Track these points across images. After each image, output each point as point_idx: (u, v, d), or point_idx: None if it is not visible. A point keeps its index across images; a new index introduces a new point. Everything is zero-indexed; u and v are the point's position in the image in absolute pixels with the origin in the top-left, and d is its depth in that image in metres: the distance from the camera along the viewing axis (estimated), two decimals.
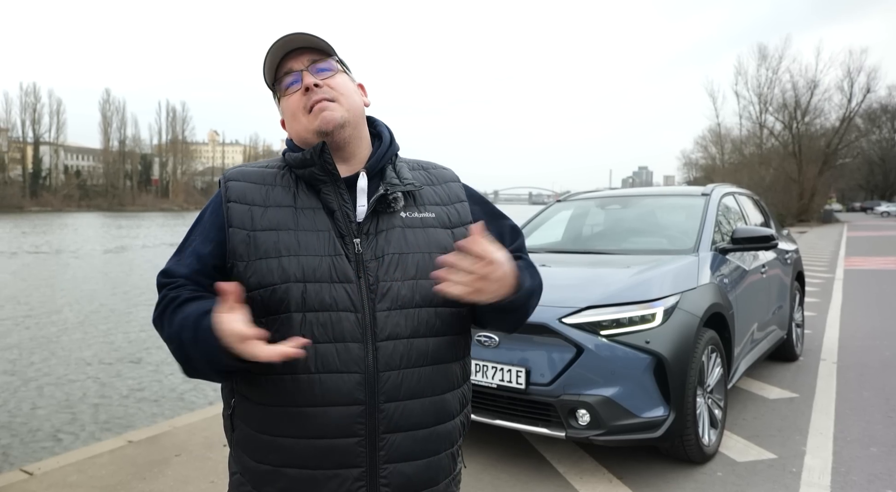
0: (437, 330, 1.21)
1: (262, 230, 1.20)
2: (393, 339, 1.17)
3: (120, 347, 9.19)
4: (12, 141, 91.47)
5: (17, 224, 47.44)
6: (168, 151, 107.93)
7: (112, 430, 5.74)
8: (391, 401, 1.17)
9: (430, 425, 1.21)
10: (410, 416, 1.18)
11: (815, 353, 5.95)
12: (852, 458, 3.50)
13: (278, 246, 1.18)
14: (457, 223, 1.29)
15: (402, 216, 1.24)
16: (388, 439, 1.17)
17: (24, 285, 15.46)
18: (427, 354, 1.20)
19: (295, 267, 1.17)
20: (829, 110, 48.27)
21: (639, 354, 3.15)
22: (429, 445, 1.21)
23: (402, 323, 1.18)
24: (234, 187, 1.24)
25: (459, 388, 1.28)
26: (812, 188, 45.85)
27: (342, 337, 1.15)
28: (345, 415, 1.14)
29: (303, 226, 1.20)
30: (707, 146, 61.06)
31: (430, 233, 1.25)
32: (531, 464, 3.50)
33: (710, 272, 3.79)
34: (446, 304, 1.20)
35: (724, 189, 4.88)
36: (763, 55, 49.65)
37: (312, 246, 1.18)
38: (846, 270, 13.63)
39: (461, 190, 1.36)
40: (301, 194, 1.24)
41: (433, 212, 1.28)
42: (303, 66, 1.26)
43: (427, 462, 1.21)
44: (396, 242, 1.21)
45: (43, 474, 3.43)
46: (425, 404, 1.20)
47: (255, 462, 1.20)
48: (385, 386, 1.16)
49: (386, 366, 1.16)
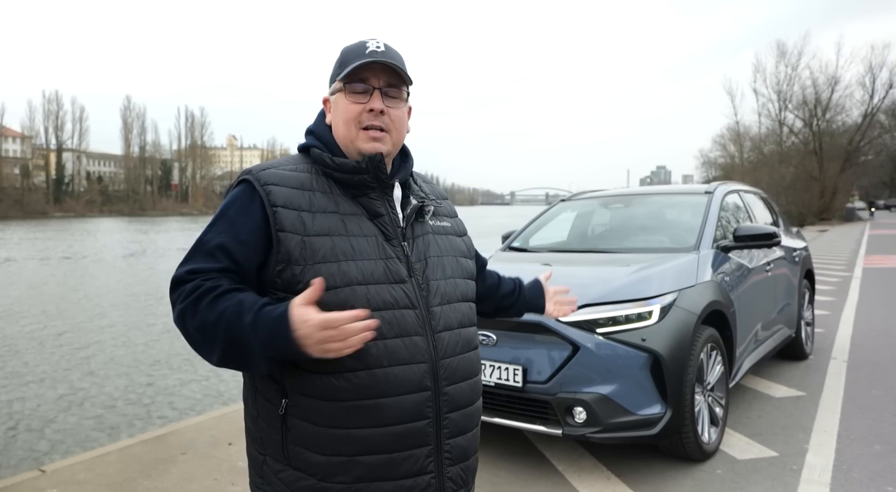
0: (471, 320, 1.44)
1: (316, 236, 1.25)
2: (447, 330, 1.34)
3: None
4: (36, 148, 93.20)
5: (45, 229, 48.34)
6: (187, 156, 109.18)
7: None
8: (451, 384, 1.33)
9: (475, 402, 1.41)
10: (462, 395, 1.36)
11: (826, 351, 5.89)
12: (855, 455, 3.47)
13: (335, 251, 1.25)
14: (462, 232, 1.53)
15: (431, 224, 1.42)
16: (450, 417, 1.33)
17: (70, 289, 15.78)
18: (469, 342, 1.40)
19: (355, 270, 1.25)
20: (850, 107, 47.38)
21: (635, 352, 3.16)
22: (474, 419, 1.40)
23: (451, 316, 1.36)
24: (277, 192, 1.27)
25: (481, 366, 1.54)
26: (833, 186, 45.10)
27: (407, 332, 1.28)
28: (417, 401, 1.28)
29: (352, 232, 1.29)
30: (726, 145, 60.37)
31: (451, 240, 1.46)
32: (530, 462, 3.52)
33: (711, 270, 3.77)
34: (470, 299, 1.46)
35: (727, 187, 4.85)
36: (782, 52, 48.91)
37: (366, 250, 1.28)
38: (865, 268, 13.41)
39: (453, 206, 1.59)
40: (340, 201, 1.32)
41: (448, 222, 1.49)
42: (378, 84, 1.33)
43: (473, 434, 1.40)
44: (433, 246, 1.39)
45: (53, 472, 3.51)
46: (471, 384, 1.39)
47: (325, 456, 1.25)
48: (445, 372, 1.32)
49: (444, 354, 1.32)
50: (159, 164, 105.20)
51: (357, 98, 1.32)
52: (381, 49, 1.33)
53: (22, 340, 9.98)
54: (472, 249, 1.55)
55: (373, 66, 1.32)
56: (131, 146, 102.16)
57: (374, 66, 1.32)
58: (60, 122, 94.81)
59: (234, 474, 3.44)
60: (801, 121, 48.38)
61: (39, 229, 48.48)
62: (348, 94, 1.33)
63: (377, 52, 1.32)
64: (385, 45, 1.35)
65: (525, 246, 4.89)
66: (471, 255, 1.53)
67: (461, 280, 1.43)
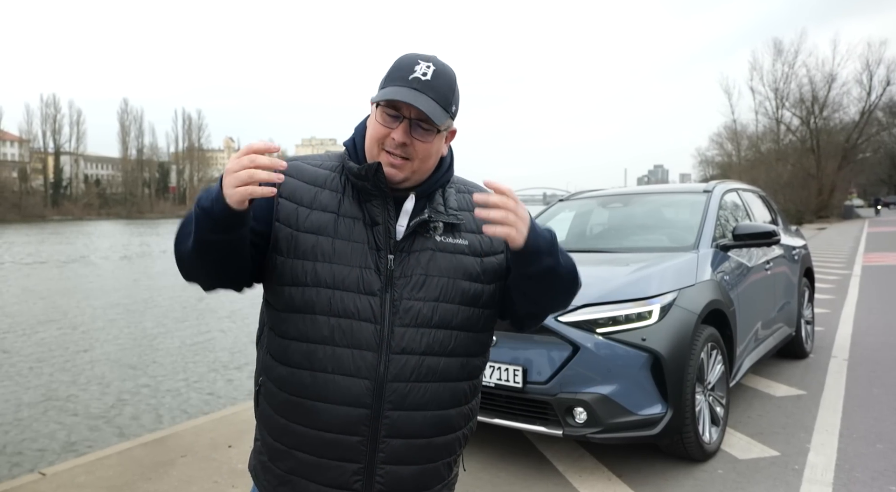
0: (450, 351, 1.28)
1: (304, 232, 1.26)
2: (407, 353, 1.25)
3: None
4: (34, 151, 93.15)
5: (42, 232, 48.26)
6: (185, 159, 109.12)
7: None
8: (396, 410, 1.25)
9: (430, 436, 1.29)
10: (411, 425, 1.26)
11: (826, 350, 5.88)
12: (857, 454, 3.46)
13: (315, 250, 1.25)
14: (487, 252, 1.33)
15: (437, 240, 1.30)
16: (389, 442, 1.26)
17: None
18: (437, 372, 1.27)
19: (327, 273, 1.24)
20: (847, 104, 47.43)
21: (635, 352, 3.15)
22: (425, 453, 1.29)
23: (417, 339, 1.25)
24: (287, 183, 1.28)
25: (466, 405, 1.34)
26: (831, 184, 45.13)
27: (359, 344, 1.23)
28: (351, 415, 1.23)
29: (341, 234, 1.27)
30: (723, 143, 60.46)
31: (459, 259, 1.30)
32: (530, 462, 3.51)
33: (711, 269, 3.77)
34: (463, 327, 1.29)
35: (726, 186, 4.84)
36: (778, 50, 48.96)
37: (346, 256, 1.25)
38: (864, 266, 13.42)
39: None
40: (346, 202, 1.29)
41: (467, 239, 1.33)
42: (409, 114, 1.25)
43: (422, 468, 1.30)
44: (425, 264, 1.28)
45: (53, 475, 3.50)
46: (427, 416, 1.27)
47: (272, 439, 1.32)
48: (392, 396, 1.24)
49: (395, 377, 1.24)
50: (157, 166, 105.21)
51: (387, 121, 1.27)
52: (426, 77, 1.25)
53: (18, 342, 9.96)
54: (493, 273, 1.33)
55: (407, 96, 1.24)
56: (129, 149, 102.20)
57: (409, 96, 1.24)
58: (58, 125, 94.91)
59: (234, 477, 3.43)
60: (799, 119, 48.47)
61: (35, 233, 48.41)
62: (380, 115, 1.27)
63: (419, 80, 1.24)
64: (434, 73, 1.26)
65: None
66: (486, 279, 1.32)
67: (451, 305, 1.28)
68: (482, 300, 1.32)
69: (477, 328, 1.32)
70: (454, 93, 1.30)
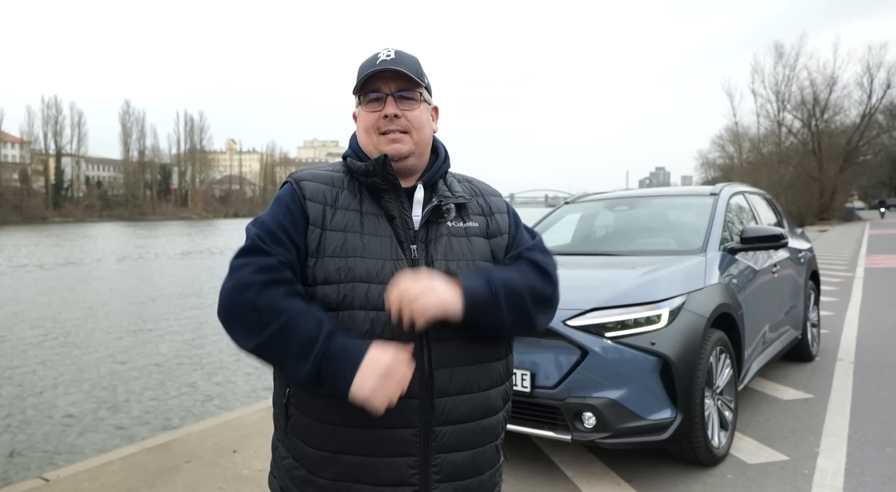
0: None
1: (332, 230, 1.30)
2: (445, 339, 1.27)
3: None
4: (35, 153, 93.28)
5: (43, 234, 48.27)
6: (187, 161, 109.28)
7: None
8: (443, 396, 1.27)
9: (477, 419, 1.31)
10: (459, 410, 1.28)
11: (831, 353, 5.85)
12: (867, 459, 3.43)
13: (346, 247, 1.28)
14: (494, 233, 1.40)
15: (449, 226, 1.35)
16: (440, 431, 1.27)
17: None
18: (473, 354, 1.31)
19: (361, 268, 1.27)
20: (848, 107, 47.43)
21: (644, 356, 3.13)
22: (475, 437, 1.31)
23: (450, 324, 1.25)
24: (308, 187, 1.33)
25: (503, 385, 1.38)
26: (833, 186, 45.12)
27: (399, 335, 1.24)
28: (403, 407, 1.23)
29: (368, 230, 1.31)
30: (724, 146, 60.40)
31: (473, 242, 1.37)
32: (539, 467, 3.48)
33: (719, 272, 3.75)
34: None
35: (733, 188, 4.82)
36: (779, 53, 48.96)
37: (376, 250, 1.29)
38: (867, 268, 13.39)
39: (503, 204, 1.47)
40: (365, 200, 1.34)
41: (476, 221, 1.39)
42: (389, 91, 1.34)
43: (473, 454, 1.31)
44: (444, 250, 1.32)
45: (57, 481, 3.48)
46: (472, 399, 1.30)
47: (312, 449, 1.29)
48: (438, 382, 1.27)
49: (438, 364, 1.27)
50: (159, 168, 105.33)
51: (372, 107, 1.35)
52: (390, 57, 1.35)
53: (20, 346, 9.94)
54: (500, 253, 1.39)
55: (382, 74, 1.34)
56: (130, 151, 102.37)
57: (384, 74, 1.34)
58: (59, 127, 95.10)
59: (239, 483, 3.41)
60: (800, 121, 48.45)
61: (36, 235, 48.42)
62: (365, 104, 1.37)
63: (386, 60, 1.34)
64: (396, 52, 1.37)
65: None
66: (496, 258, 1.38)
67: None
68: None
69: None
70: (420, 67, 1.39)
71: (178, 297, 15.17)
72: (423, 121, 1.37)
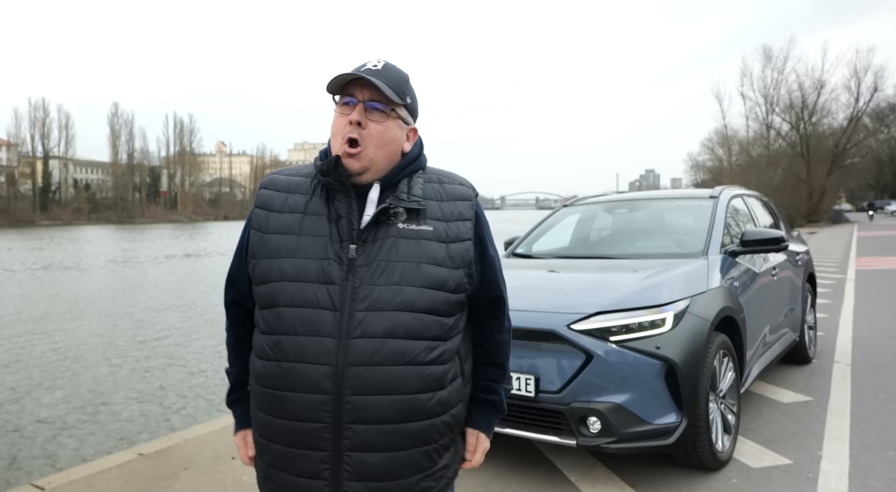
0: (414, 333, 1.29)
1: (272, 233, 1.37)
2: (366, 337, 1.27)
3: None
4: (22, 156, 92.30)
5: (33, 238, 47.76)
6: (176, 163, 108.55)
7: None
8: (357, 394, 1.27)
9: (398, 422, 1.29)
10: (375, 410, 1.27)
11: (828, 355, 5.88)
12: (870, 462, 3.43)
13: (280, 248, 1.35)
14: (454, 239, 1.37)
15: (400, 227, 1.34)
16: (353, 428, 1.27)
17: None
18: (400, 355, 1.28)
19: (290, 268, 1.32)
20: (836, 110, 47.94)
21: (649, 360, 3.11)
22: (395, 440, 1.29)
23: (377, 323, 1.28)
24: (263, 194, 1.42)
25: (440, 390, 1.34)
26: (821, 189, 45.52)
27: (318, 332, 1.28)
28: (313, 402, 1.28)
29: (305, 231, 1.35)
30: (714, 148, 60.80)
31: (423, 245, 1.34)
32: (542, 472, 3.46)
33: (721, 276, 3.74)
34: (429, 311, 1.31)
35: (732, 191, 4.83)
36: (768, 56, 49.40)
37: (308, 249, 1.33)
38: (857, 270, 13.50)
39: (468, 209, 1.43)
40: (314, 201, 1.37)
41: (432, 225, 1.37)
42: (362, 98, 1.35)
43: (392, 456, 1.30)
44: (387, 251, 1.32)
45: (52, 489, 3.41)
46: (392, 400, 1.28)
47: (257, 435, 1.41)
48: (352, 380, 1.27)
49: (355, 361, 1.27)
50: (148, 171, 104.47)
51: (344, 110, 1.37)
52: (376, 67, 1.36)
53: (16, 350, 9.81)
54: (459, 259, 1.37)
55: (361, 81, 1.35)
56: (119, 153, 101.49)
57: (363, 82, 1.34)
58: (47, 129, 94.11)
59: (239, 490, 3.36)
60: (789, 124, 48.88)
61: (24, 238, 47.91)
62: (338, 107, 1.38)
63: (370, 70, 1.35)
64: (385, 65, 1.38)
65: (529, 252, 4.84)
66: (452, 264, 1.35)
67: (413, 288, 1.30)
68: (448, 285, 1.34)
69: (445, 312, 1.34)
70: (407, 86, 1.39)
71: (174, 302, 15.04)
72: (386, 137, 1.36)
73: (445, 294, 1.33)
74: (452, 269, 1.35)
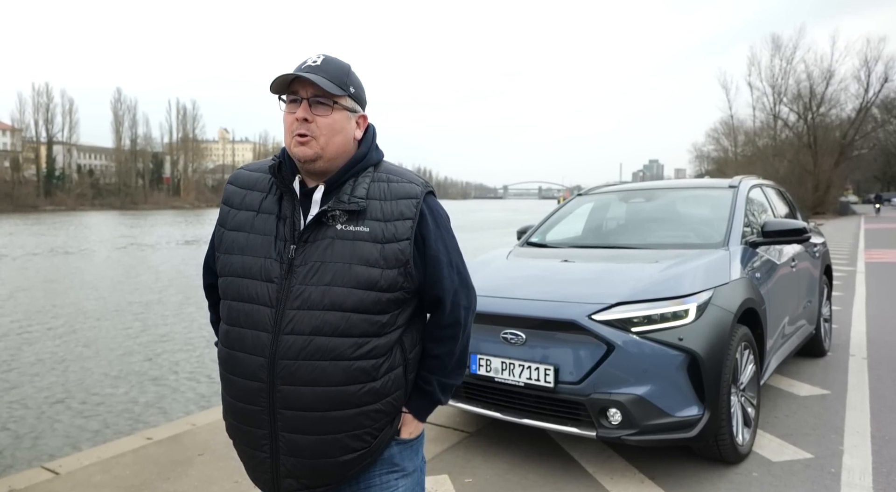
0: (342, 331, 1.38)
1: (230, 230, 1.49)
2: (295, 334, 1.38)
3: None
4: (26, 141, 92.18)
5: (40, 223, 47.80)
6: (179, 150, 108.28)
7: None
8: (286, 385, 1.39)
9: (324, 410, 1.39)
10: (301, 399, 1.39)
11: (843, 348, 5.83)
12: (893, 458, 3.39)
13: (233, 245, 1.47)
14: (390, 239, 1.41)
15: (338, 228, 1.41)
16: (283, 413, 1.41)
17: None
18: (326, 351, 1.37)
19: (238, 264, 1.45)
20: (845, 100, 47.59)
21: (672, 352, 3.06)
22: (321, 425, 1.40)
23: (305, 321, 1.37)
24: (227, 190, 1.54)
25: (371, 382, 1.41)
26: (827, 180, 45.26)
27: (256, 326, 1.41)
28: (252, 388, 1.43)
29: (256, 229, 1.45)
30: (719, 138, 60.56)
31: (357, 246, 1.40)
32: (559, 463, 3.42)
33: (742, 267, 3.69)
34: (357, 310, 1.38)
35: (751, 181, 4.75)
36: (777, 45, 49.05)
37: (256, 248, 1.44)
38: (867, 262, 13.43)
39: (411, 208, 1.44)
40: (268, 199, 1.48)
41: (369, 226, 1.41)
42: (306, 95, 1.41)
43: (320, 439, 1.41)
44: (322, 252, 1.40)
45: (67, 474, 3.39)
46: (318, 392, 1.38)
47: (222, 403, 1.56)
48: (281, 372, 1.39)
49: (284, 355, 1.38)
50: (151, 157, 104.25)
51: (291, 108, 1.43)
52: (315, 63, 1.42)
53: (25, 334, 9.82)
54: (394, 259, 1.40)
55: (303, 79, 1.40)
56: (122, 139, 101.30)
57: (305, 80, 1.40)
58: (50, 114, 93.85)
59: None
60: (796, 114, 48.56)
61: (30, 223, 47.97)
62: (286, 105, 1.44)
63: (310, 66, 1.41)
64: (324, 60, 1.43)
65: (543, 241, 4.78)
66: (386, 264, 1.39)
67: (343, 289, 1.37)
68: (380, 284, 1.39)
69: (376, 310, 1.39)
70: (348, 76, 1.45)
71: (184, 286, 15.04)
72: (334, 128, 1.42)
73: (376, 294, 1.39)
74: (385, 269, 1.40)
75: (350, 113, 1.46)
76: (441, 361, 1.55)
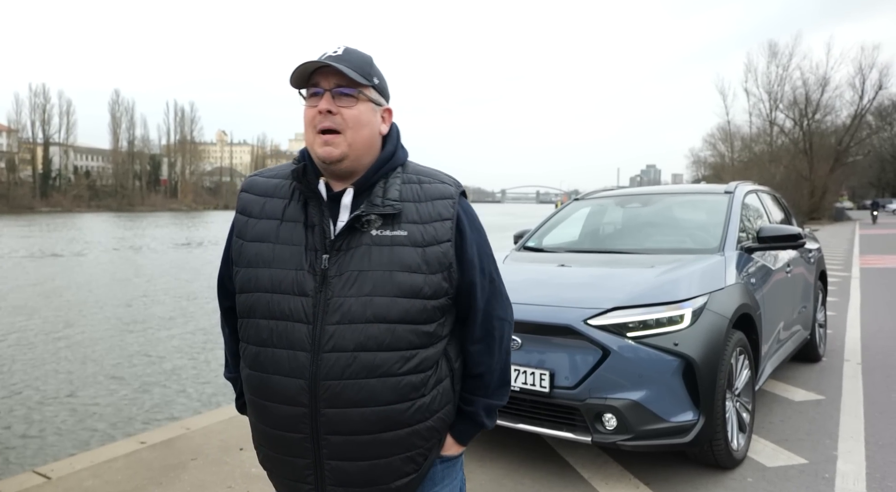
0: (387, 345, 1.26)
1: (250, 241, 1.35)
2: (337, 351, 1.25)
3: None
4: (22, 142, 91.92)
5: (36, 225, 47.66)
6: (177, 152, 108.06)
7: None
8: (332, 407, 1.26)
9: (374, 432, 1.28)
10: (349, 422, 1.27)
11: (837, 353, 5.84)
12: (887, 463, 3.39)
13: (258, 258, 1.33)
14: (430, 242, 1.31)
15: (373, 234, 1.29)
16: (329, 439, 1.28)
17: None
18: (373, 368, 1.26)
19: (266, 278, 1.30)
20: (840, 107, 47.87)
21: (667, 357, 3.06)
22: (372, 449, 1.29)
23: (347, 337, 1.25)
24: (243, 198, 1.40)
25: (420, 398, 1.31)
26: (823, 186, 45.44)
27: (292, 345, 1.27)
28: (291, 414, 1.29)
29: (282, 239, 1.32)
30: (716, 144, 60.72)
31: (396, 251, 1.28)
32: (554, 469, 3.42)
33: (737, 272, 3.69)
34: (403, 320, 1.26)
35: (747, 187, 4.77)
36: (773, 52, 49.29)
37: (284, 260, 1.30)
38: (862, 268, 13.46)
39: (449, 208, 1.34)
40: (291, 206, 1.34)
41: (406, 230, 1.30)
42: (329, 86, 1.30)
43: (371, 464, 1.30)
44: (359, 260, 1.27)
45: (59, 479, 3.37)
46: (366, 413, 1.26)
47: (253, 434, 1.44)
48: (325, 394, 1.26)
49: (327, 376, 1.25)
50: (148, 159, 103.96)
51: (312, 102, 1.32)
52: (337, 53, 1.32)
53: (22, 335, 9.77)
54: (436, 262, 1.30)
55: (324, 70, 1.30)
56: (120, 141, 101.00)
57: (326, 70, 1.30)
58: (47, 115, 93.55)
59: (248, 481, 3.32)
60: (792, 121, 48.79)
61: (18, 225, 47.81)
62: (306, 99, 1.34)
63: (331, 56, 1.31)
64: (345, 50, 1.33)
65: (540, 246, 4.78)
66: (428, 269, 1.29)
67: (385, 299, 1.25)
68: (424, 291, 1.28)
69: (422, 320, 1.29)
70: (371, 67, 1.34)
71: (183, 291, 14.99)
72: (361, 121, 1.31)
73: (421, 301, 1.28)
74: (429, 274, 1.29)
75: (375, 105, 1.35)
76: (482, 379, 1.42)
